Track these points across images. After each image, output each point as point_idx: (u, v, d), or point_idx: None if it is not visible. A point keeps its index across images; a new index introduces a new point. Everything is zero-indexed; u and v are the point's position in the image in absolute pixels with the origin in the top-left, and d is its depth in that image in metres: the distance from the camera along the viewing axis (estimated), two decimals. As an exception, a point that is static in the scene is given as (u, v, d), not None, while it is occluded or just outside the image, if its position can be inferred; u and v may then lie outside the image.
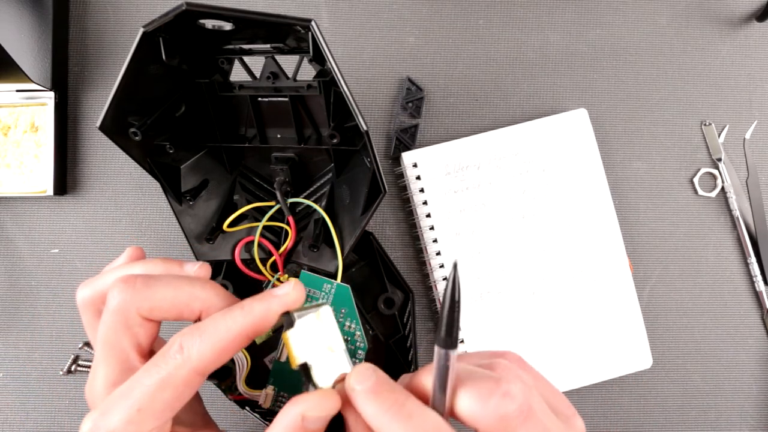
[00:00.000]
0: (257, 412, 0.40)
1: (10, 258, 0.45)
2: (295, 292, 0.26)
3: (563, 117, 0.43)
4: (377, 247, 0.42)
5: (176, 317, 0.26)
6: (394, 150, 0.44)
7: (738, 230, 0.44)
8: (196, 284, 0.27)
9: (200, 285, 0.27)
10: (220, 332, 0.24)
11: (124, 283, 0.26)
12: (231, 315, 0.25)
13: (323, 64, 0.33)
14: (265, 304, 0.25)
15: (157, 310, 0.26)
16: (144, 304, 0.25)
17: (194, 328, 0.24)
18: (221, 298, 0.27)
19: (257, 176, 0.40)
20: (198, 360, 0.24)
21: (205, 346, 0.24)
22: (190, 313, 0.26)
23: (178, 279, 0.27)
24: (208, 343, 0.24)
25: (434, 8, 0.45)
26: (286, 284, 0.26)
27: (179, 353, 0.24)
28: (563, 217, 0.43)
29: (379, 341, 0.41)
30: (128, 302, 0.25)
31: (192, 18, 0.29)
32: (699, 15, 0.46)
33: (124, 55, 0.30)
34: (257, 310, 0.25)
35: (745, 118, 0.45)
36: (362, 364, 0.24)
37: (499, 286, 0.42)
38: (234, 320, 0.25)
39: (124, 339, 0.25)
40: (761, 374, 0.44)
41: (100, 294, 0.28)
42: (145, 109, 0.33)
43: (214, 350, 0.24)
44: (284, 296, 0.26)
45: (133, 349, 0.26)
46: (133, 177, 0.45)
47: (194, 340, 0.24)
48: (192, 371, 0.24)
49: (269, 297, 0.26)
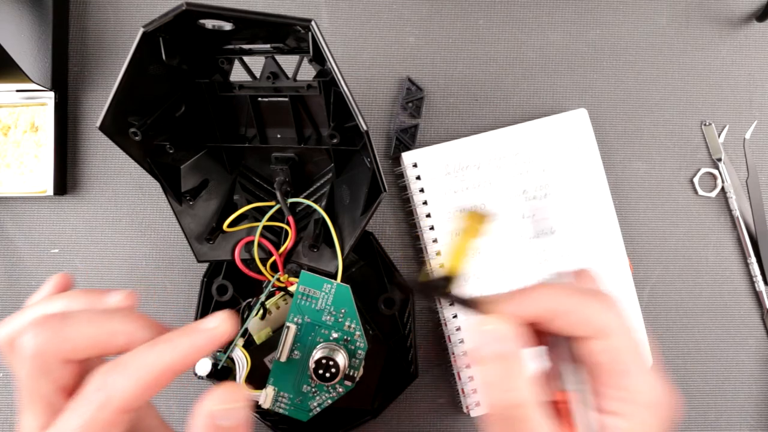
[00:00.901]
0: (257, 412, 0.40)
1: (10, 258, 0.45)
2: (223, 326, 0.25)
3: (563, 117, 0.43)
4: (377, 247, 0.42)
5: (100, 354, 0.25)
6: (394, 150, 0.44)
7: (738, 230, 0.44)
8: (116, 318, 0.25)
9: (121, 319, 0.25)
10: (144, 368, 0.23)
11: (39, 326, 0.24)
12: (156, 349, 0.24)
13: (323, 64, 0.33)
14: (192, 339, 0.24)
15: (78, 351, 0.24)
16: (62, 347, 0.24)
17: (115, 364, 0.23)
18: (146, 329, 0.25)
19: (257, 176, 0.40)
20: (121, 398, 0.22)
21: (128, 382, 0.23)
22: (115, 348, 0.25)
23: (97, 315, 0.25)
24: (131, 380, 0.23)
25: (434, 8, 0.45)
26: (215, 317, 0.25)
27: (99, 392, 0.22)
28: (563, 217, 0.43)
29: (379, 341, 0.41)
30: (44, 346, 0.23)
31: (192, 18, 0.29)
32: (699, 15, 0.46)
33: (124, 55, 0.30)
34: (184, 346, 0.24)
35: (745, 118, 0.45)
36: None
37: (499, 286, 0.42)
38: (159, 355, 0.24)
39: (45, 385, 0.24)
40: (761, 374, 0.44)
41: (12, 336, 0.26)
42: (145, 109, 0.33)
43: (138, 387, 0.23)
44: (213, 330, 0.25)
45: (57, 393, 0.24)
46: (133, 177, 0.45)
47: (116, 377, 0.23)
48: (116, 411, 0.22)
49: (197, 332, 0.25)
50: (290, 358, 0.33)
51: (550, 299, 0.25)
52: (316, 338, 0.33)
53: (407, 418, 0.43)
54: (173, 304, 0.44)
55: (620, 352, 0.24)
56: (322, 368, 0.32)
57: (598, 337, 0.24)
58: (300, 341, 0.33)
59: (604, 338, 0.24)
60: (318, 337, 0.33)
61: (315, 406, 0.34)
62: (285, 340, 0.33)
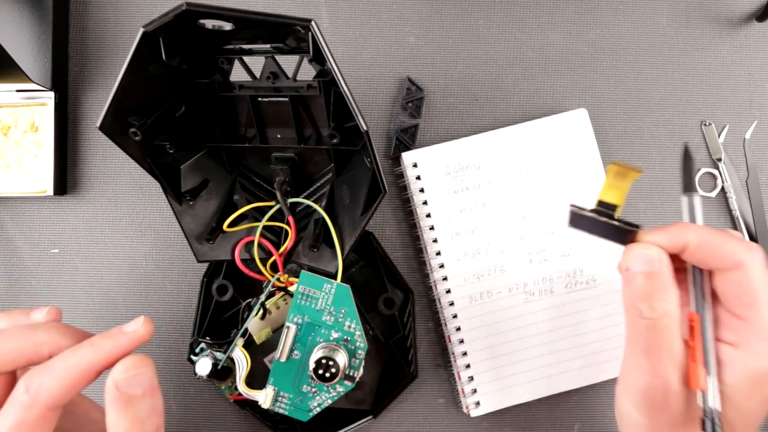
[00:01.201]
0: (257, 412, 0.40)
1: (10, 258, 0.45)
2: (143, 329, 0.27)
3: (563, 117, 0.43)
4: (377, 247, 0.42)
5: (27, 364, 0.27)
6: (394, 150, 0.44)
7: (738, 230, 0.44)
8: (40, 330, 0.27)
9: (45, 329, 0.27)
10: (67, 367, 0.25)
11: None
12: (79, 351, 0.26)
13: (323, 64, 0.33)
14: (114, 341, 0.27)
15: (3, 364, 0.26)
16: None
17: (40, 368, 0.25)
18: (68, 337, 0.27)
19: (257, 176, 0.40)
20: (47, 397, 0.25)
21: (53, 382, 0.25)
22: (40, 357, 0.27)
23: (21, 329, 0.27)
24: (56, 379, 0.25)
25: (434, 8, 0.45)
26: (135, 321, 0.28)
27: (26, 394, 0.24)
28: (563, 217, 0.43)
29: (379, 341, 0.41)
30: None
31: (192, 18, 0.29)
32: (699, 15, 0.46)
33: (124, 55, 0.30)
34: (106, 347, 0.26)
35: (745, 118, 0.45)
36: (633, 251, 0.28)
37: (499, 286, 0.42)
38: (82, 356, 0.26)
39: None
40: (761, 374, 0.44)
41: None
42: (145, 109, 0.33)
43: (62, 385, 0.25)
44: (133, 333, 0.27)
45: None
46: (133, 177, 0.45)
47: (41, 378, 0.25)
48: (43, 408, 0.25)
49: (118, 334, 0.27)
50: (290, 358, 0.33)
51: (695, 232, 0.27)
52: (316, 338, 0.33)
53: (407, 418, 0.43)
54: (173, 304, 0.44)
55: (751, 285, 0.26)
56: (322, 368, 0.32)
57: (732, 269, 0.27)
58: (300, 341, 0.33)
59: (737, 270, 0.26)
60: (318, 337, 0.33)
61: (315, 406, 0.34)
62: (285, 340, 0.33)
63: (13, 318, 0.30)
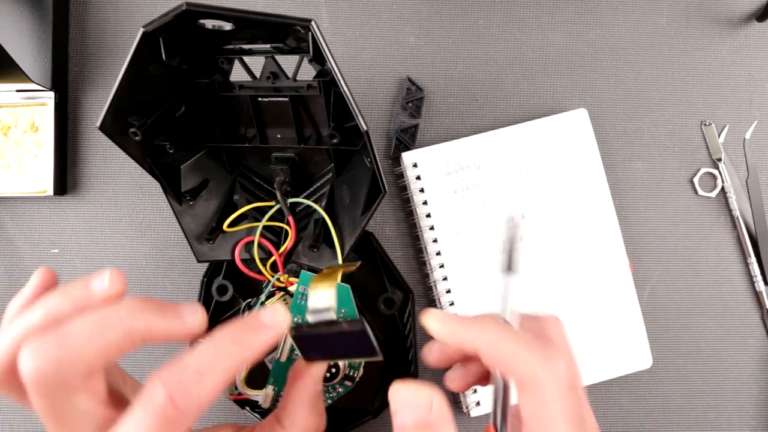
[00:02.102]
0: (257, 412, 0.40)
1: (10, 258, 0.45)
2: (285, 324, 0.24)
3: (563, 117, 0.43)
4: (377, 247, 0.42)
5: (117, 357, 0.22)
6: (394, 150, 0.44)
7: (738, 230, 0.44)
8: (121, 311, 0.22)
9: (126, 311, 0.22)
10: (218, 374, 0.21)
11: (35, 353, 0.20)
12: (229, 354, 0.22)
13: (323, 64, 0.33)
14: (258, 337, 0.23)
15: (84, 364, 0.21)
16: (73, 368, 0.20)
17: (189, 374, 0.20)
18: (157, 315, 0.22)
19: (257, 176, 0.40)
20: (196, 412, 0.20)
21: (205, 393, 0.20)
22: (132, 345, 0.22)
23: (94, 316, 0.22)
24: (207, 389, 0.21)
25: (434, 8, 0.45)
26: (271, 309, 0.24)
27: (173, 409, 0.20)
28: (563, 217, 0.43)
29: (379, 341, 0.41)
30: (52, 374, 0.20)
31: (192, 18, 0.29)
32: (699, 15, 0.46)
33: (124, 55, 0.30)
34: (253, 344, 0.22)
35: (745, 118, 0.45)
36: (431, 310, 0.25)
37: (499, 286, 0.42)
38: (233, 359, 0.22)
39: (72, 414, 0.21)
40: (761, 374, 0.44)
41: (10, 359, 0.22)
42: (145, 109, 0.33)
43: (212, 396, 0.21)
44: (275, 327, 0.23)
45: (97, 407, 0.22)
46: (133, 177, 0.45)
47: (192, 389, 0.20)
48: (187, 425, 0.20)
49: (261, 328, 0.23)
50: (290, 357, 0.33)
51: (487, 336, 0.24)
52: None
53: (407, 418, 0.43)
54: (173, 304, 0.44)
55: (545, 408, 0.23)
56: (322, 368, 0.32)
57: (526, 386, 0.23)
58: (300, 341, 0.33)
59: (528, 391, 0.23)
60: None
61: (315, 406, 0.34)
62: (285, 340, 0.33)
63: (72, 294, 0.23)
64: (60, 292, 0.23)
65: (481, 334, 0.24)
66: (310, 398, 0.26)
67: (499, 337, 0.23)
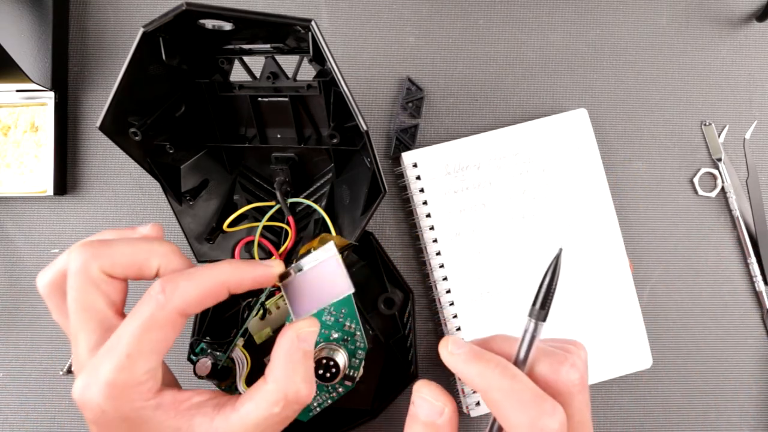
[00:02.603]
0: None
1: (10, 258, 0.45)
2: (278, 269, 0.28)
3: (563, 117, 0.43)
4: (377, 247, 0.42)
5: (136, 274, 0.27)
6: (394, 150, 0.44)
7: (738, 230, 0.44)
8: (153, 242, 0.28)
9: (157, 242, 0.28)
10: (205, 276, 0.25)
11: (82, 246, 0.26)
12: (219, 266, 0.26)
13: (323, 64, 0.33)
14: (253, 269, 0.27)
15: (118, 266, 0.26)
16: (105, 261, 0.26)
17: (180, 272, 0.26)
18: (177, 255, 0.28)
19: (257, 176, 0.40)
20: (181, 300, 0.24)
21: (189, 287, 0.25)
22: (149, 270, 0.27)
23: (133, 239, 0.28)
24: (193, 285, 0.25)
25: (434, 8, 0.45)
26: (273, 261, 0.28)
27: (161, 294, 0.24)
28: (563, 217, 0.43)
29: (379, 341, 0.41)
30: (89, 261, 0.26)
31: (192, 18, 0.29)
32: (699, 15, 0.46)
33: (124, 55, 0.30)
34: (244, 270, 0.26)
35: (745, 118, 0.45)
36: (451, 336, 0.27)
37: (499, 286, 0.42)
38: (221, 270, 0.26)
39: (96, 298, 0.26)
40: (761, 374, 0.44)
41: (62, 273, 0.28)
42: (145, 109, 0.33)
43: (197, 292, 0.25)
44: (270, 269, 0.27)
45: (108, 307, 0.26)
46: (133, 177, 0.45)
47: (178, 281, 0.25)
48: (175, 311, 0.24)
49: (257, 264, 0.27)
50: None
51: (486, 382, 0.24)
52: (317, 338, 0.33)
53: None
54: (173, 304, 0.44)
55: None
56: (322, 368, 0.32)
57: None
58: (300, 341, 0.33)
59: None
60: (318, 337, 0.33)
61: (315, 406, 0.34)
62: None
63: (122, 232, 0.30)
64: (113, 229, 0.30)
65: (481, 378, 0.25)
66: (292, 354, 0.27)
67: (496, 387, 0.24)
